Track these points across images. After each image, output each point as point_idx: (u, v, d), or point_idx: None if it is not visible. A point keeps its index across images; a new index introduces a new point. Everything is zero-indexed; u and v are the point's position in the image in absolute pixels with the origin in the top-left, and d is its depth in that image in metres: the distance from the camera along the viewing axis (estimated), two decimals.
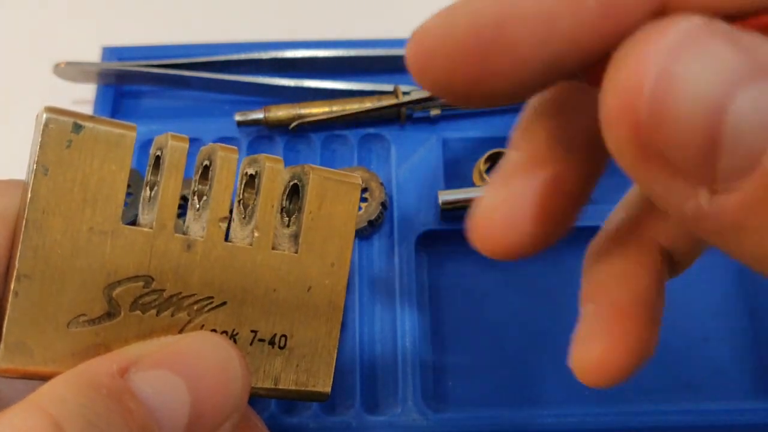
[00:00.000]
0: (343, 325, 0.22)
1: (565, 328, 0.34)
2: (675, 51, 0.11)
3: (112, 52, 0.41)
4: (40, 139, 0.17)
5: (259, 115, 0.38)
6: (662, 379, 0.33)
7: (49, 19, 0.46)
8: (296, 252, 0.21)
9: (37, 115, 0.18)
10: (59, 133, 0.18)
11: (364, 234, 0.36)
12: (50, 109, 0.18)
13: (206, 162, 0.20)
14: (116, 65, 0.40)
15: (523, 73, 0.13)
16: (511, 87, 0.13)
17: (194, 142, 0.38)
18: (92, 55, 0.41)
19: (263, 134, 0.39)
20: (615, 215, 0.19)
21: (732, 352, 0.34)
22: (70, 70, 0.40)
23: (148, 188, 0.20)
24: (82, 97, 0.41)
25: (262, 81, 0.40)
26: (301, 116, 0.38)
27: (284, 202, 0.21)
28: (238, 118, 0.38)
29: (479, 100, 0.13)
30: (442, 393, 0.33)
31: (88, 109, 0.40)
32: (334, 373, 0.22)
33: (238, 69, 0.40)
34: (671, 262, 0.19)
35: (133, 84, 0.41)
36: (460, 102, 0.14)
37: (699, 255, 0.20)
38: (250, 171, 0.21)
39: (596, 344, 0.18)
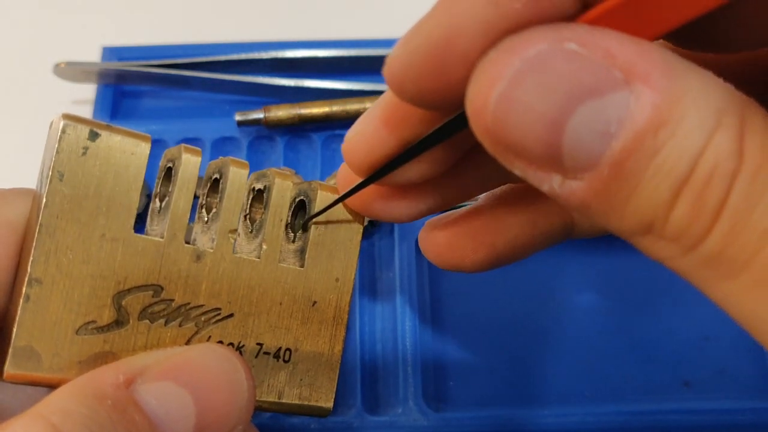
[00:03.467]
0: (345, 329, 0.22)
1: (565, 328, 0.35)
2: (515, 78, 0.13)
3: (112, 52, 0.41)
4: (56, 146, 0.17)
5: (259, 115, 0.38)
6: (662, 379, 0.34)
7: (49, 19, 0.46)
8: (302, 266, 0.21)
9: (53, 122, 0.18)
10: (76, 140, 0.18)
11: (364, 234, 0.36)
12: (67, 116, 0.18)
13: (216, 175, 0.20)
14: (116, 65, 0.40)
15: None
16: None
17: (194, 141, 0.38)
18: (92, 55, 0.41)
19: (263, 134, 0.39)
20: None
21: (732, 352, 0.34)
22: (70, 70, 0.40)
23: (157, 200, 0.20)
24: (82, 97, 0.41)
25: (262, 81, 0.40)
26: (301, 116, 0.38)
27: (290, 218, 0.21)
28: (238, 118, 0.38)
29: (453, 106, 0.15)
30: (442, 393, 0.34)
31: (88, 109, 0.41)
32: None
33: (238, 69, 0.40)
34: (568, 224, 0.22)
35: (133, 84, 0.41)
36: (437, 108, 0.15)
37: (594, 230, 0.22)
38: (259, 186, 0.21)
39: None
